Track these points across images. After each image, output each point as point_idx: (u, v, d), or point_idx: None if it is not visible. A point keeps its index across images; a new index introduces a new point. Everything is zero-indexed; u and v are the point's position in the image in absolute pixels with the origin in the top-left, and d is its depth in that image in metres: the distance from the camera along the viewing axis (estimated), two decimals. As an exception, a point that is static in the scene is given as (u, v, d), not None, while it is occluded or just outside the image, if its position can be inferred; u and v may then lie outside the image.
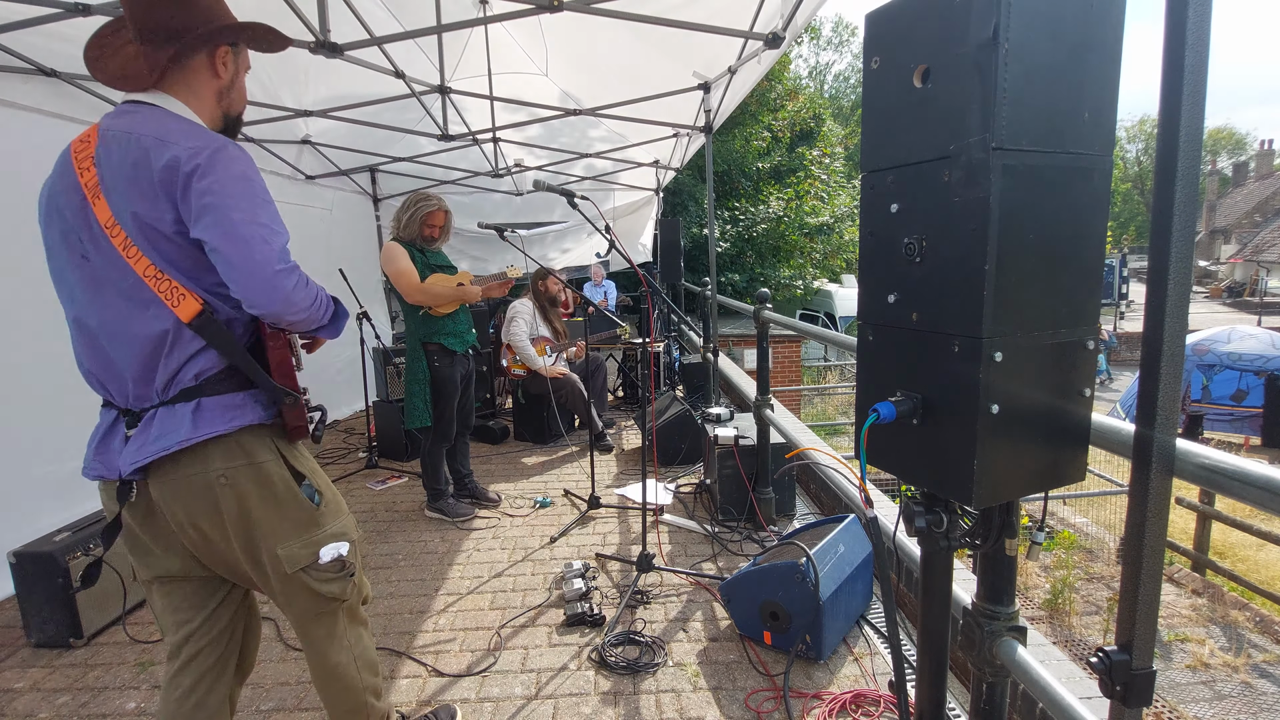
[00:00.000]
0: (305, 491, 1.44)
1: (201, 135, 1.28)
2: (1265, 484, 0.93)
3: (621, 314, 7.46)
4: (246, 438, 1.36)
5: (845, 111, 39.00)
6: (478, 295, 3.46)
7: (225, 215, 1.23)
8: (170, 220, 1.25)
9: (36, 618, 2.49)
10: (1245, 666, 5.29)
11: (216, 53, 1.37)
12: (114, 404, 1.36)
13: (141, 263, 1.26)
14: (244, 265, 1.24)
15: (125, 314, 1.29)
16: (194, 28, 1.32)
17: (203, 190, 1.22)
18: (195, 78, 1.36)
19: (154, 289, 1.27)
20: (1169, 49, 0.92)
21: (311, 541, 1.43)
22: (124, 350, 1.30)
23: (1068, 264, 1.08)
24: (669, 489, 3.98)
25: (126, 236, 1.26)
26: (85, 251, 1.29)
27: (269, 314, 1.31)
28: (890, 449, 1.22)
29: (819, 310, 18.40)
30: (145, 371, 1.31)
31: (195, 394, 1.32)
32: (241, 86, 1.46)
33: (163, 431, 1.30)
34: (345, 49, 2.94)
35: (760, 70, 3.80)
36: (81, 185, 1.27)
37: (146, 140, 1.25)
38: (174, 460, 1.31)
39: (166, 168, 1.23)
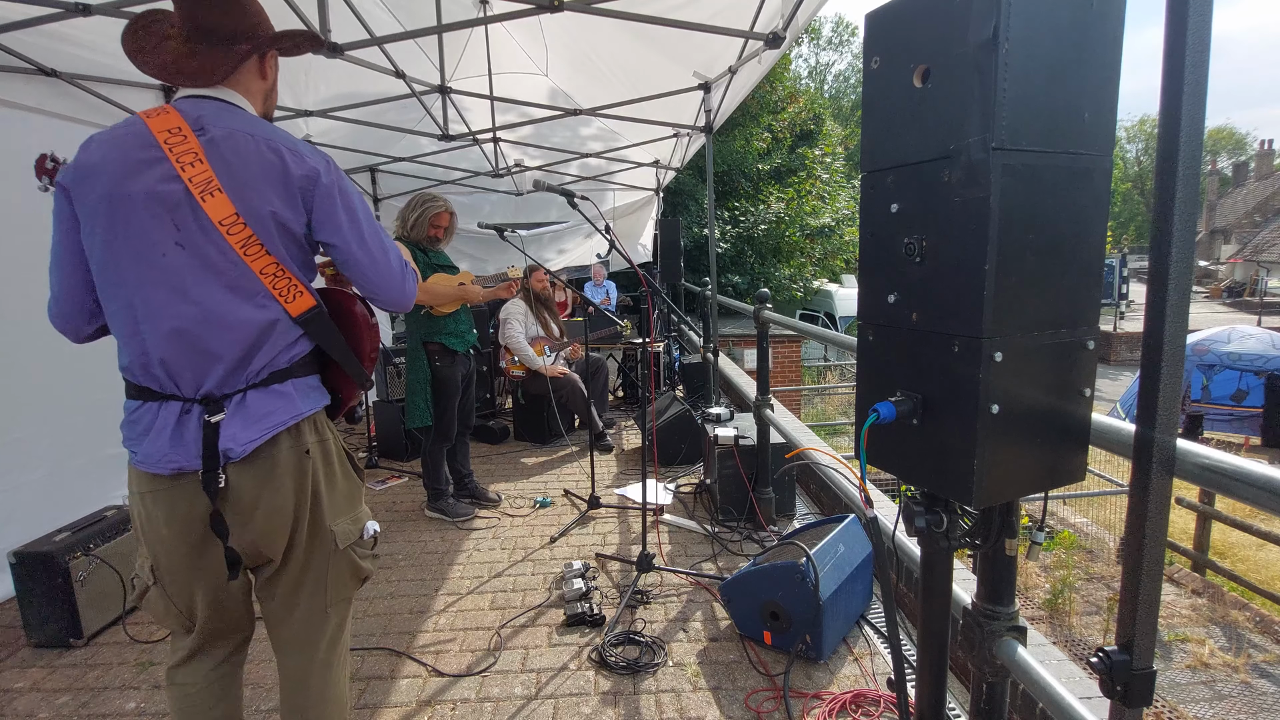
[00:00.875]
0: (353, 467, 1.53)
1: (319, 151, 1.41)
2: (1265, 484, 0.92)
3: (621, 314, 7.46)
4: (320, 416, 1.44)
5: (845, 111, 39.01)
6: (479, 295, 3.46)
7: (360, 231, 1.41)
8: (303, 223, 1.36)
9: (36, 618, 2.49)
10: (1245, 666, 5.29)
11: (267, 56, 1.45)
12: (177, 395, 1.32)
13: (261, 260, 1.31)
14: (383, 273, 1.45)
15: (230, 306, 1.31)
16: (248, 32, 1.39)
17: (340, 206, 1.38)
18: (249, 79, 1.42)
19: (269, 285, 1.32)
20: (1169, 49, 0.92)
21: (356, 518, 1.50)
22: (224, 339, 1.31)
23: (1068, 264, 1.08)
24: (669, 489, 3.98)
25: (252, 234, 1.30)
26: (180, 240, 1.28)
27: (396, 310, 1.54)
28: (890, 449, 1.22)
29: (819, 310, 18.41)
30: (245, 358, 1.33)
31: (287, 375, 1.37)
32: (278, 88, 1.55)
33: (269, 409, 1.34)
34: (346, 49, 2.94)
35: (761, 70, 3.79)
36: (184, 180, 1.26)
37: (277, 146, 1.33)
38: (273, 439, 1.34)
39: (307, 178, 1.34)
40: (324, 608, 1.49)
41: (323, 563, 1.45)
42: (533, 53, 4.84)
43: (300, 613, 1.48)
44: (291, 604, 1.47)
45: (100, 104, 3.45)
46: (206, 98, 1.35)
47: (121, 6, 2.71)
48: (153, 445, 1.31)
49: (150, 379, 1.33)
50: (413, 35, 3.29)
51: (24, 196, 3.08)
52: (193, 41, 1.36)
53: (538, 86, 5.15)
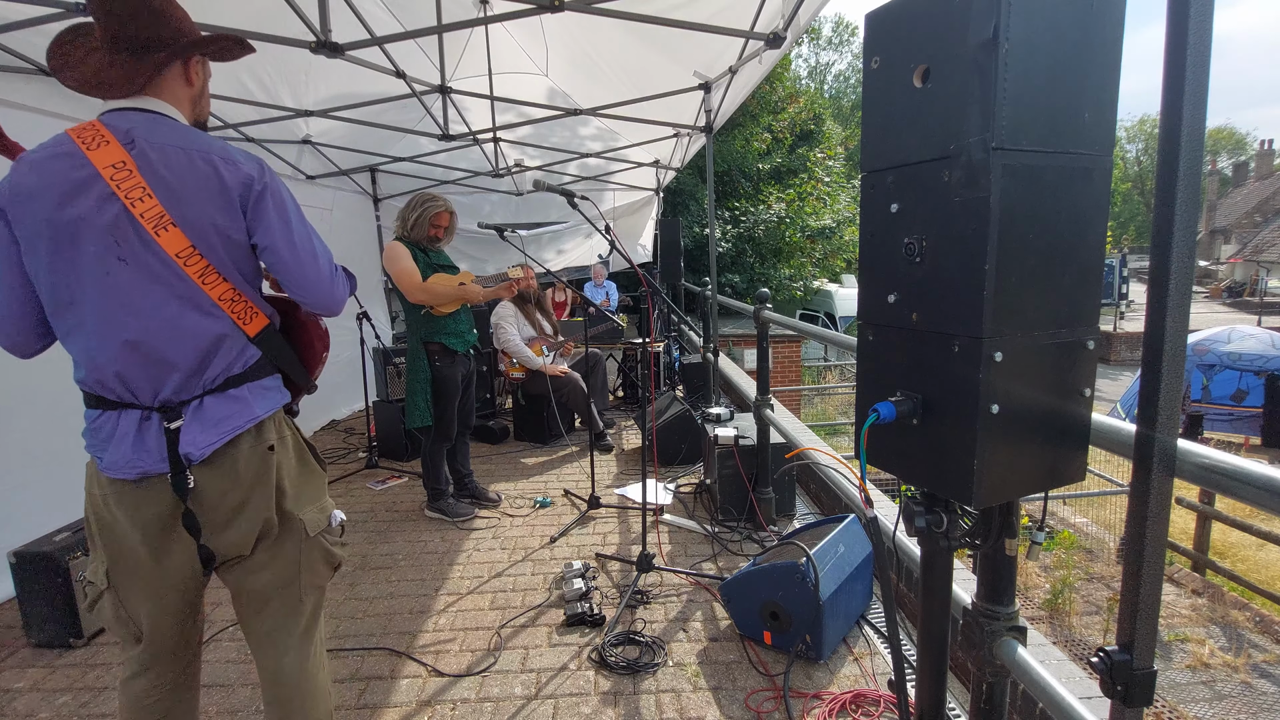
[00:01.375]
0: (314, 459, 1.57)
1: (253, 157, 1.42)
2: (1265, 484, 0.93)
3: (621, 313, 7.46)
4: (279, 414, 1.49)
5: (845, 112, 39.01)
6: (479, 295, 3.46)
7: (291, 234, 1.41)
8: (243, 228, 1.38)
9: (36, 618, 2.49)
10: (1245, 666, 5.29)
11: (190, 62, 1.44)
12: (135, 404, 1.36)
13: (219, 286, 1.36)
14: (310, 276, 1.45)
15: (180, 315, 1.35)
16: (170, 38, 1.38)
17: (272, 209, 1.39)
18: (174, 86, 1.42)
19: (227, 310, 1.38)
20: (1170, 49, 0.93)
21: (323, 507, 1.56)
22: (178, 348, 1.35)
23: (1068, 264, 1.08)
24: (669, 489, 3.98)
25: (208, 264, 1.35)
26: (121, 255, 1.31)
27: (325, 314, 1.54)
28: (890, 449, 1.22)
29: (819, 310, 18.41)
30: (200, 366, 1.38)
31: (242, 380, 1.42)
32: (208, 93, 1.55)
33: (225, 414, 1.39)
34: (346, 49, 2.94)
35: (762, 70, 3.80)
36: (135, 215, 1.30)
37: (211, 157, 1.35)
38: (233, 440, 1.39)
39: (243, 184, 1.36)
40: (298, 597, 1.53)
41: (295, 551, 1.50)
42: (533, 53, 4.84)
43: (275, 604, 1.52)
44: (266, 596, 1.51)
45: (100, 104, 3.45)
46: (132, 109, 1.37)
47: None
48: (116, 452, 1.35)
49: (108, 391, 1.36)
50: (413, 35, 3.29)
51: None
52: (114, 52, 1.36)
53: (538, 86, 5.15)
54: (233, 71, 3.80)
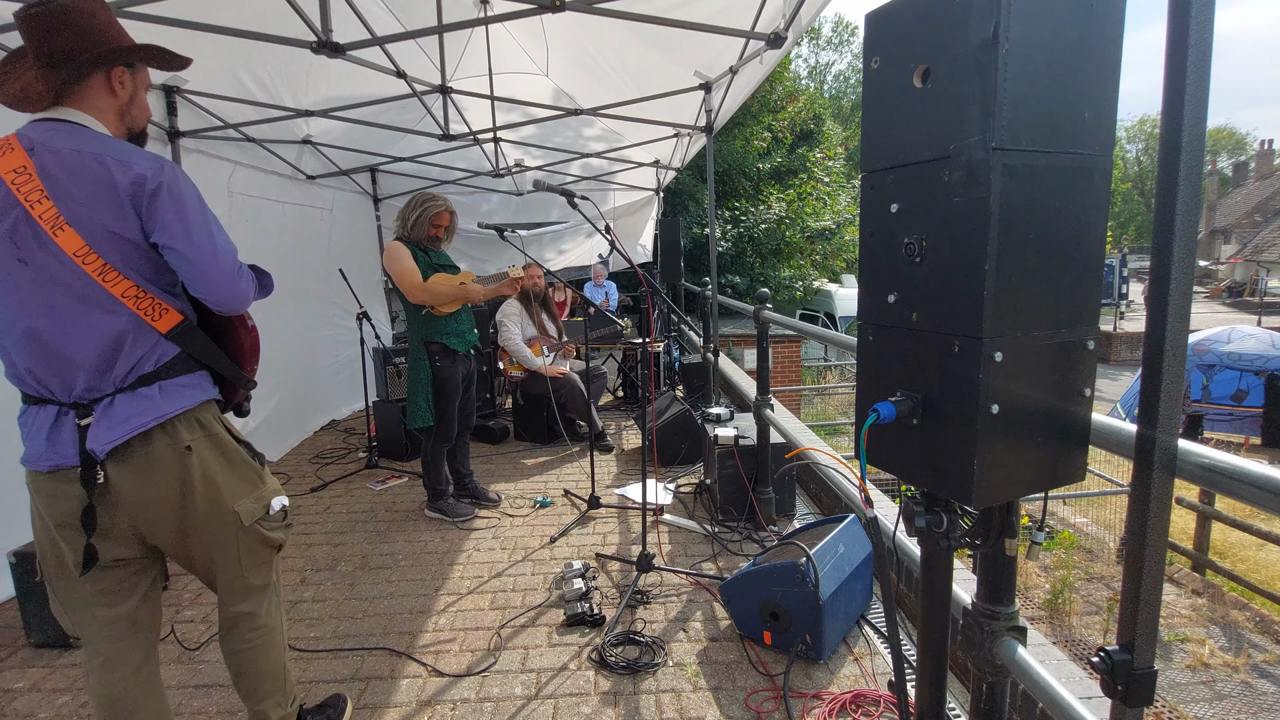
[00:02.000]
0: (248, 453, 1.64)
1: (152, 156, 1.44)
2: (1265, 484, 0.93)
3: (622, 314, 7.46)
4: (201, 412, 1.54)
5: (845, 112, 39.01)
6: (480, 295, 3.46)
7: (188, 230, 1.42)
8: (137, 229, 1.40)
9: (36, 618, 2.49)
10: (1245, 666, 5.29)
11: (113, 73, 1.46)
12: (53, 399, 1.43)
13: (120, 284, 1.41)
14: (211, 275, 1.45)
15: (81, 314, 1.40)
16: (84, 51, 1.42)
17: (167, 206, 1.40)
18: (95, 96, 1.45)
19: (133, 307, 1.42)
20: (1171, 50, 0.93)
21: (261, 496, 1.63)
22: (79, 346, 1.40)
23: (1068, 264, 1.08)
24: (669, 489, 3.98)
25: (105, 262, 1.39)
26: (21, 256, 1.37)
27: (228, 311, 1.53)
28: (890, 449, 1.22)
29: (819, 310, 18.40)
30: (104, 364, 1.42)
31: (154, 378, 1.47)
32: (142, 103, 1.56)
33: (132, 412, 1.43)
34: (347, 49, 2.94)
35: (762, 71, 3.79)
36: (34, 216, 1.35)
37: (105, 159, 1.37)
38: (145, 437, 1.44)
39: (134, 184, 1.38)
40: (242, 577, 1.65)
41: (231, 540, 1.60)
42: (533, 53, 4.85)
43: (223, 585, 1.65)
44: (211, 578, 1.65)
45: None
46: (50, 120, 1.42)
47: (123, 6, 2.71)
48: (33, 445, 1.44)
49: (26, 385, 1.44)
50: (414, 35, 3.29)
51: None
52: (38, 67, 1.42)
53: (538, 86, 5.15)
54: (233, 71, 3.80)
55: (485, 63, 4.46)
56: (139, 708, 1.57)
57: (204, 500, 1.52)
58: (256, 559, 1.66)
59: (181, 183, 1.45)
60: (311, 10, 2.86)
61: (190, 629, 2.64)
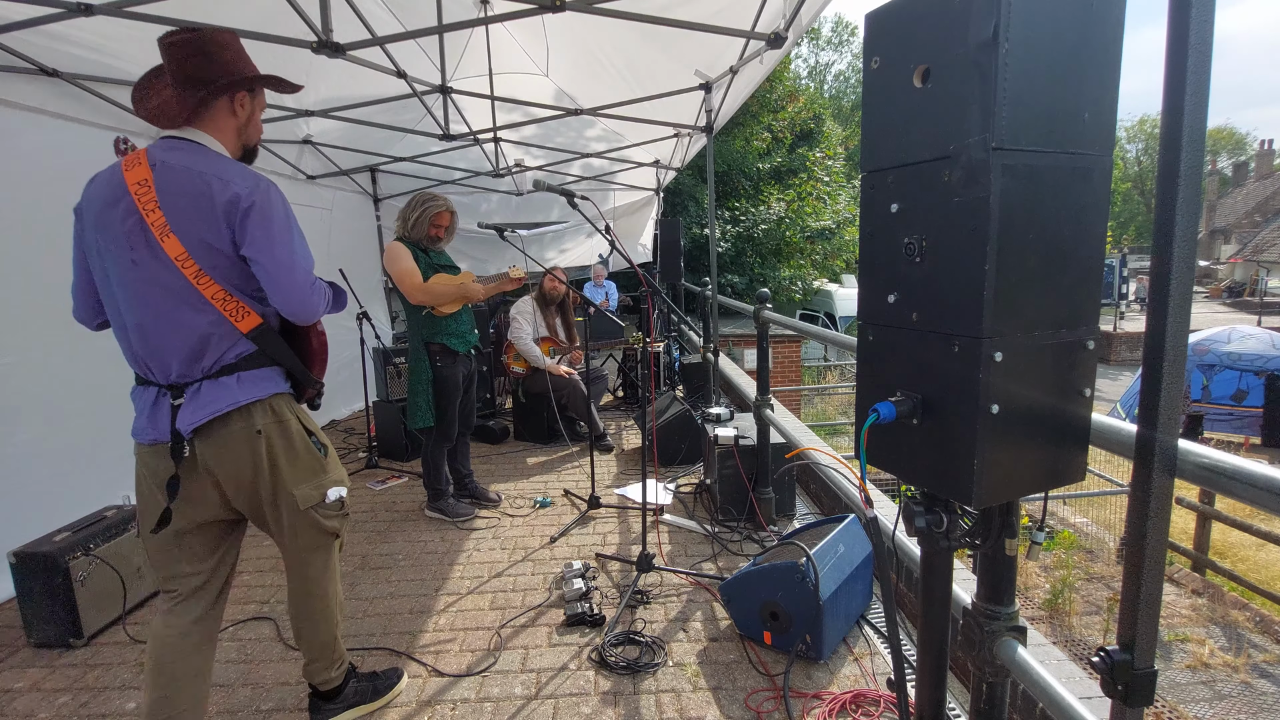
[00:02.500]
0: (315, 444, 1.83)
1: (249, 174, 1.65)
2: (1265, 484, 0.93)
3: (622, 314, 7.46)
4: (276, 401, 1.75)
5: (845, 112, 39.00)
6: (480, 294, 3.46)
7: (272, 247, 1.61)
8: (228, 241, 1.61)
9: (36, 618, 2.49)
10: (1245, 666, 5.29)
11: (235, 97, 1.71)
12: (153, 381, 1.67)
13: (211, 288, 1.61)
14: (286, 288, 1.64)
15: (176, 311, 1.62)
16: (217, 77, 1.65)
17: (257, 223, 1.60)
18: (219, 118, 1.70)
19: (220, 309, 1.63)
20: (1172, 50, 0.93)
21: (320, 485, 1.82)
22: (174, 339, 1.63)
23: (1068, 264, 1.08)
24: (669, 489, 3.98)
25: (200, 268, 1.60)
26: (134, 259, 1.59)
27: (298, 320, 1.71)
28: (890, 449, 1.22)
29: (819, 310, 18.39)
30: (194, 355, 1.64)
31: (234, 369, 1.68)
32: (257, 123, 1.80)
33: (213, 398, 1.65)
34: (348, 49, 2.94)
35: (763, 71, 3.79)
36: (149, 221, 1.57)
37: (209, 177, 1.59)
38: (224, 419, 1.66)
39: (229, 202, 1.58)
40: (299, 552, 1.86)
41: (290, 520, 1.80)
42: (534, 53, 4.84)
43: (288, 553, 1.88)
44: (281, 545, 1.87)
45: (101, 104, 3.45)
46: (175, 138, 1.65)
47: (123, 6, 2.71)
48: (138, 420, 1.69)
49: (138, 367, 1.68)
50: (414, 35, 3.29)
51: (26, 196, 3.09)
52: (175, 88, 1.65)
53: (538, 86, 5.15)
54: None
55: (485, 63, 4.46)
56: (179, 658, 1.74)
57: (269, 479, 1.73)
58: (312, 542, 1.86)
59: (272, 203, 1.64)
60: (312, 10, 2.86)
61: (190, 629, 2.63)
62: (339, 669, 2.03)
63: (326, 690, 2.02)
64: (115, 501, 2.94)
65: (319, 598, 1.93)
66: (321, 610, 1.94)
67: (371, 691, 2.12)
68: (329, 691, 2.03)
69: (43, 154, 3.18)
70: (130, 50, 3.32)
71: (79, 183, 1.70)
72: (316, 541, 1.86)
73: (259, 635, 2.58)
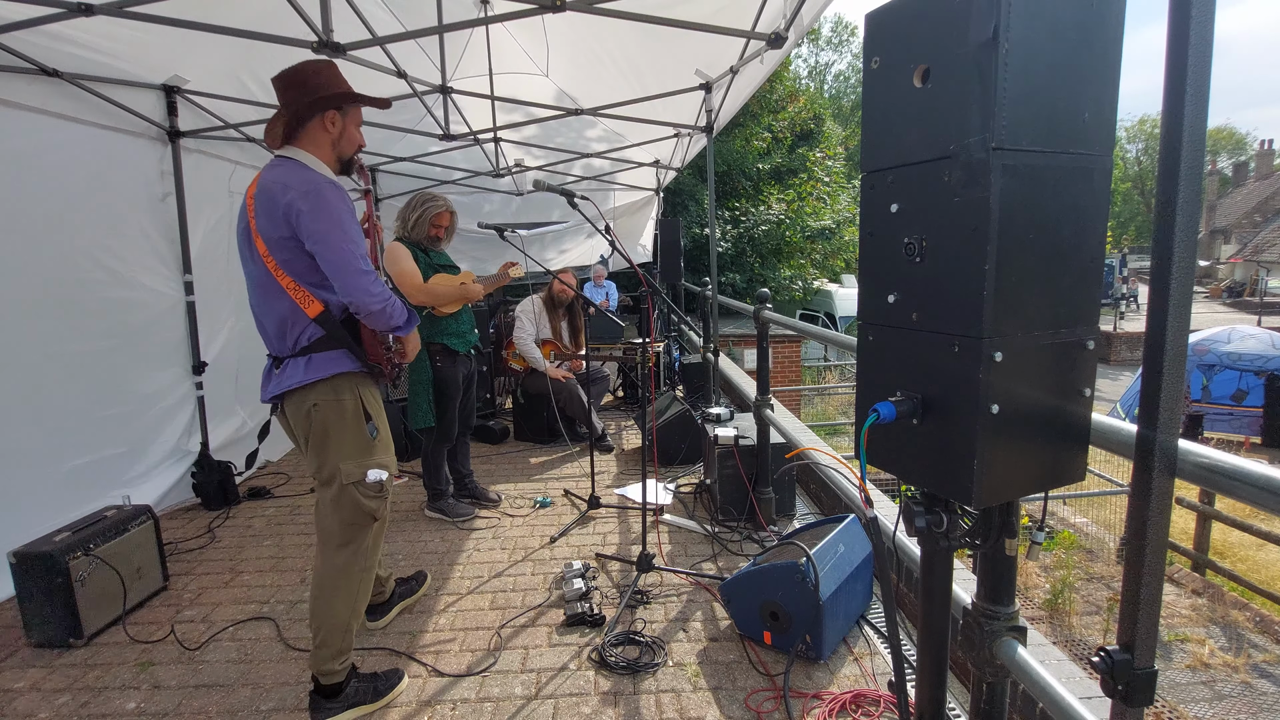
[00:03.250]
0: (369, 427, 2.06)
1: (309, 180, 1.90)
2: (1265, 484, 0.92)
3: (622, 314, 7.46)
4: (339, 380, 2.00)
5: (845, 112, 38.99)
6: (480, 293, 3.46)
7: (323, 239, 1.88)
8: (291, 237, 1.89)
9: (36, 618, 2.49)
10: (1245, 666, 5.29)
11: (326, 116, 2.00)
12: (270, 354, 2.04)
13: (286, 279, 1.93)
14: (338, 275, 1.90)
15: (266, 299, 1.97)
16: (308, 102, 1.96)
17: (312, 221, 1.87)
18: (314, 135, 2.00)
19: (292, 296, 1.94)
20: (1172, 50, 0.93)
21: (363, 464, 2.03)
22: (267, 321, 2.00)
23: (1068, 264, 1.08)
24: (669, 489, 3.98)
25: (276, 263, 1.91)
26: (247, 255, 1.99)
27: (354, 304, 1.94)
28: (890, 449, 1.22)
29: (819, 310, 18.39)
30: (280, 336, 1.98)
31: (309, 350, 1.97)
32: (350, 136, 2.07)
33: (288, 375, 1.98)
34: (348, 49, 2.94)
35: (763, 71, 3.79)
36: (251, 227, 1.94)
37: (279, 184, 1.88)
38: (292, 395, 1.99)
39: (288, 204, 1.86)
40: (337, 525, 2.05)
41: (336, 490, 2.02)
42: (534, 53, 4.84)
43: (324, 524, 2.07)
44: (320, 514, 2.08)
45: (102, 104, 3.45)
46: (278, 156, 1.98)
47: (123, 6, 2.71)
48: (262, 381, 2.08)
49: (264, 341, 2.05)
50: (414, 35, 3.29)
51: (28, 196, 3.09)
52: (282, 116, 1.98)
53: (538, 86, 5.15)
54: (233, 71, 3.81)
55: (486, 62, 4.46)
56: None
57: (318, 450, 2.01)
58: (349, 517, 2.05)
59: (322, 203, 1.87)
60: (312, 10, 2.86)
61: (190, 629, 2.64)
62: (343, 663, 2.07)
63: (328, 686, 2.06)
64: (115, 502, 2.94)
65: (342, 576, 2.06)
66: (343, 591, 2.05)
67: (372, 692, 2.13)
68: (330, 688, 2.06)
69: (43, 154, 3.17)
70: (130, 50, 3.32)
71: (79, 183, 1.73)
72: (353, 518, 2.05)
73: (259, 635, 2.58)
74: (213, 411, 4.20)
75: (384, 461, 2.09)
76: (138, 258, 3.73)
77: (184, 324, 4.06)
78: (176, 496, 3.94)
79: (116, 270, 3.58)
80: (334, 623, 2.03)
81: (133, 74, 3.53)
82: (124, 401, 3.62)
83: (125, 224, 3.65)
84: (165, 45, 3.39)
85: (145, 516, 2.88)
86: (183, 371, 4.05)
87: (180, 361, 4.04)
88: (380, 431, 2.10)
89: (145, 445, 3.77)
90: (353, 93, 2.03)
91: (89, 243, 3.40)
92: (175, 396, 3.99)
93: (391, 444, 2.17)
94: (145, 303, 3.77)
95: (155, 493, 3.73)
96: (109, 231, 3.53)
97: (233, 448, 4.39)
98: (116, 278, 3.59)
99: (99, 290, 3.48)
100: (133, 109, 3.62)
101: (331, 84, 1.99)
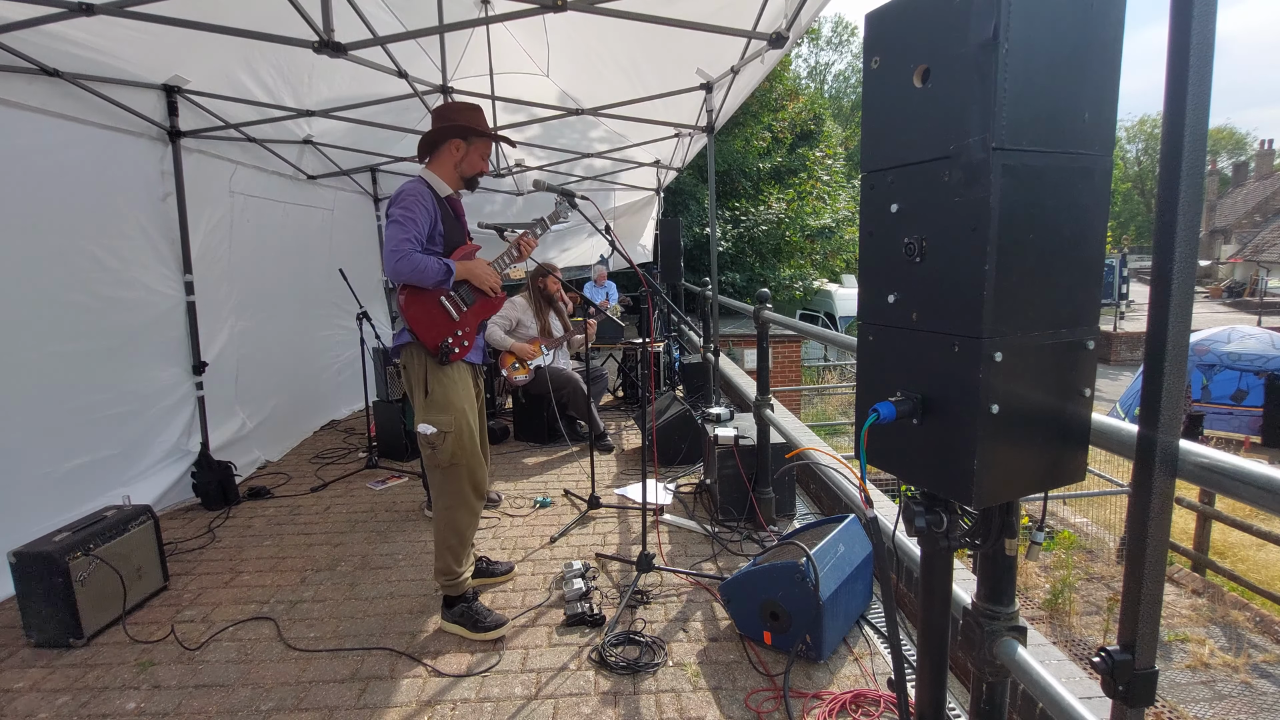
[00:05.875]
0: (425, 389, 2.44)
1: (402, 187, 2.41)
2: (1265, 484, 0.92)
3: (622, 314, 7.46)
4: (412, 348, 2.46)
5: (845, 111, 39.00)
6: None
7: (389, 230, 2.35)
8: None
9: (36, 618, 2.49)
10: (1245, 666, 5.29)
11: (451, 143, 2.51)
12: None
13: None
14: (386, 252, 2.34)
15: None
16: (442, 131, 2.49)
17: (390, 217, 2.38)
18: (443, 157, 2.53)
19: None
20: (1173, 50, 0.93)
21: (420, 419, 2.45)
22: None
23: (1068, 264, 1.08)
24: (669, 489, 3.98)
25: None
26: None
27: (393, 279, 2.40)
28: (890, 449, 1.22)
29: (819, 310, 18.39)
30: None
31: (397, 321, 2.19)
32: (472, 160, 2.55)
33: (396, 333, 2.52)
34: (349, 49, 2.94)
35: (763, 70, 3.79)
36: None
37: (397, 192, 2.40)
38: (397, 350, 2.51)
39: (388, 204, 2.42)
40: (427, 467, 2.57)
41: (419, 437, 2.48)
42: (534, 53, 4.84)
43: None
44: None
45: (102, 104, 3.45)
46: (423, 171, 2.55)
47: (123, 6, 2.71)
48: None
49: None
50: (415, 35, 3.29)
51: (29, 196, 3.09)
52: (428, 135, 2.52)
53: (538, 86, 5.15)
54: (234, 72, 3.81)
55: (486, 62, 4.46)
56: None
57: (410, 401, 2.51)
58: (429, 461, 2.48)
59: (397, 200, 2.36)
60: (313, 10, 2.86)
61: (190, 629, 2.64)
62: (448, 582, 2.53)
63: (446, 596, 2.56)
64: (115, 501, 2.94)
65: (440, 509, 2.52)
66: (443, 520, 2.50)
67: (472, 622, 2.51)
68: (447, 598, 2.56)
69: (43, 154, 3.18)
70: (131, 50, 3.32)
71: (79, 182, 1.70)
72: (431, 461, 2.47)
73: (259, 635, 2.58)
74: (213, 411, 4.20)
75: (435, 419, 2.42)
76: (138, 258, 3.73)
77: (184, 324, 4.07)
78: (176, 496, 3.94)
79: (116, 270, 3.58)
80: (438, 544, 2.51)
81: (133, 74, 3.53)
82: (124, 401, 3.62)
83: (125, 224, 3.65)
84: (166, 45, 3.39)
85: (145, 516, 2.88)
86: (183, 371, 4.05)
87: (180, 361, 4.05)
88: (434, 395, 2.42)
89: (145, 445, 3.77)
90: (472, 127, 2.49)
91: (89, 243, 3.40)
92: (175, 396, 3.99)
93: (451, 404, 2.44)
94: (145, 302, 3.77)
95: (155, 493, 3.74)
96: (109, 231, 3.53)
97: (233, 448, 4.39)
98: (116, 278, 3.59)
99: (99, 290, 3.48)
100: (133, 109, 3.62)
101: (467, 118, 2.51)
